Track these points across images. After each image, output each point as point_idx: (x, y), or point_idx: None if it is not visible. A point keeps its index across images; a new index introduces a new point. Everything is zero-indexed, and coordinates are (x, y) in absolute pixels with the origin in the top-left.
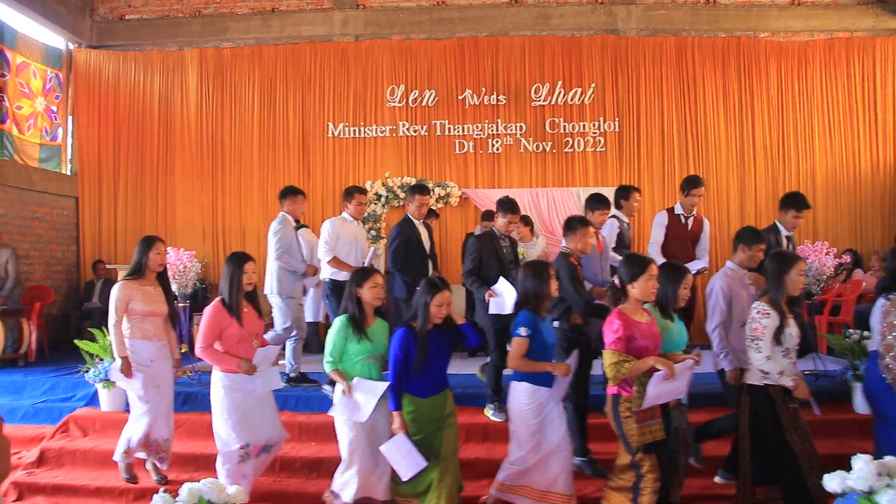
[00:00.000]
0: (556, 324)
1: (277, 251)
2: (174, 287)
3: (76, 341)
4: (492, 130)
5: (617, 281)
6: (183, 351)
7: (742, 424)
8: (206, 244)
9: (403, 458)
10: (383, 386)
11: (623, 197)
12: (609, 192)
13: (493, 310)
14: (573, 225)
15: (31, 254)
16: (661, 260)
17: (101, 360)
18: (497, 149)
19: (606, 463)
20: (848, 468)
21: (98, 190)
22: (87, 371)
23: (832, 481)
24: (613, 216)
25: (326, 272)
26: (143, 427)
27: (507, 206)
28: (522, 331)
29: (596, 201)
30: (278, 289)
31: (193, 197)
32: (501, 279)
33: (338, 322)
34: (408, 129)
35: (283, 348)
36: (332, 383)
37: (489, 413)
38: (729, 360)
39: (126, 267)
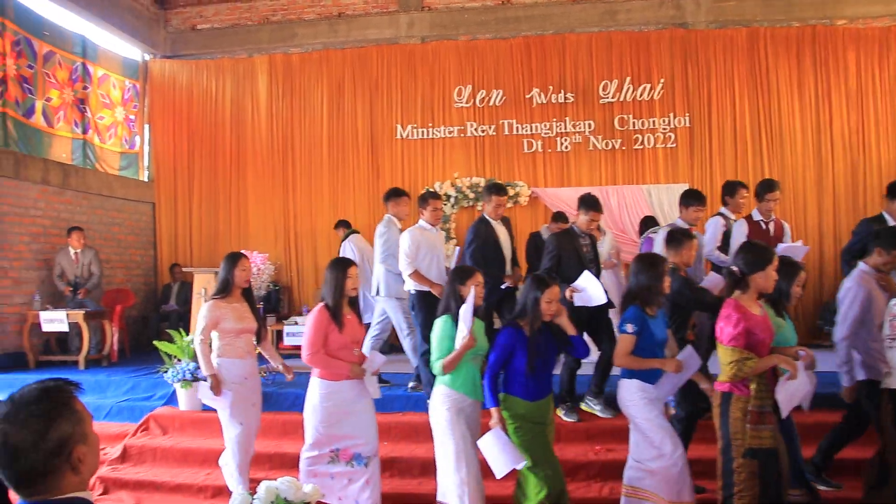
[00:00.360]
0: None
1: (383, 254)
2: None
3: (155, 342)
4: (560, 129)
5: (736, 270)
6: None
7: (887, 432)
8: (278, 246)
9: (500, 452)
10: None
11: (728, 193)
12: (680, 190)
13: (578, 303)
14: (678, 238)
15: (112, 258)
16: None
17: (179, 360)
18: (566, 147)
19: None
20: None
21: (174, 195)
22: (165, 371)
23: None
24: (719, 214)
25: (410, 284)
26: (235, 452)
27: (590, 203)
28: (629, 327)
29: (690, 197)
30: (386, 291)
31: (265, 200)
32: (585, 273)
33: (441, 323)
34: (476, 130)
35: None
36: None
37: (561, 413)
38: (849, 377)
39: (202, 270)
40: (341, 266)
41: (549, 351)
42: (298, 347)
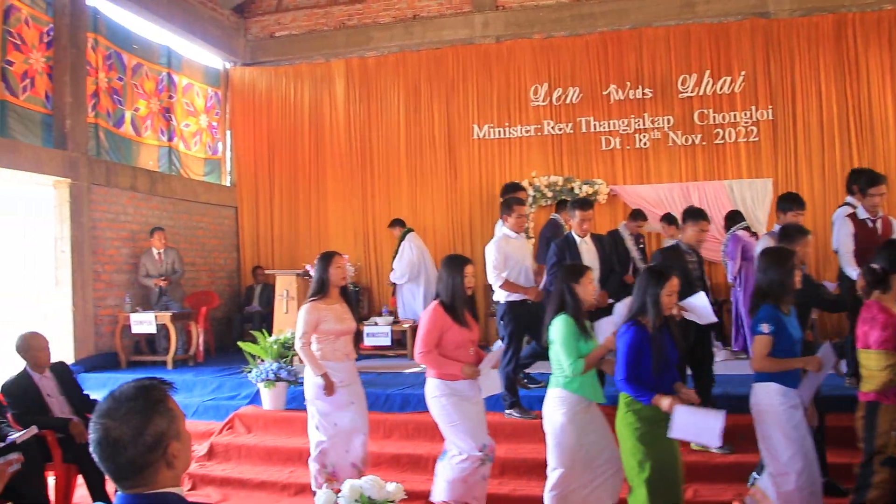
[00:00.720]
0: None
1: None
2: None
3: (239, 343)
4: (638, 125)
5: (878, 268)
6: None
7: None
8: (357, 247)
9: (700, 422)
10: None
11: (855, 181)
12: (763, 185)
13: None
14: (792, 235)
15: (197, 261)
16: (856, 271)
17: (262, 360)
18: (644, 143)
19: None
20: None
21: (255, 199)
22: (249, 371)
23: None
24: (846, 204)
25: (501, 295)
26: (319, 452)
27: (696, 213)
28: (765, 327)
29: (789, 201)
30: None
31: (344, 202)
32: (700, 294)
33: (562, 323)
34: (553, 128)
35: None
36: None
37: None
38: None
39: (284, 272)
40: (457, 264)
41: (671, 348)
42: (379, 348)
